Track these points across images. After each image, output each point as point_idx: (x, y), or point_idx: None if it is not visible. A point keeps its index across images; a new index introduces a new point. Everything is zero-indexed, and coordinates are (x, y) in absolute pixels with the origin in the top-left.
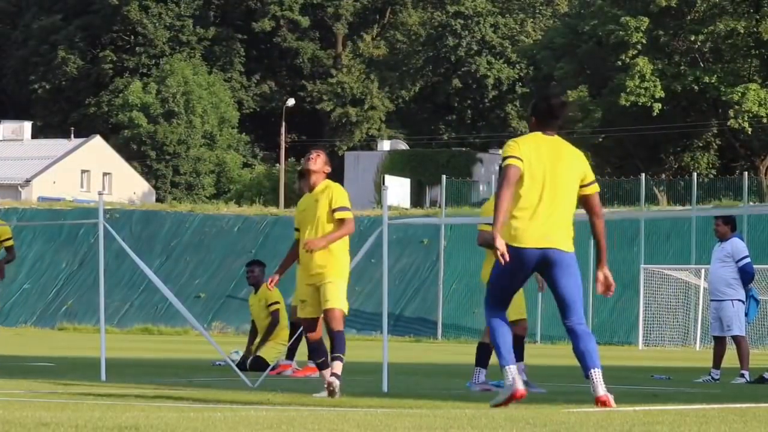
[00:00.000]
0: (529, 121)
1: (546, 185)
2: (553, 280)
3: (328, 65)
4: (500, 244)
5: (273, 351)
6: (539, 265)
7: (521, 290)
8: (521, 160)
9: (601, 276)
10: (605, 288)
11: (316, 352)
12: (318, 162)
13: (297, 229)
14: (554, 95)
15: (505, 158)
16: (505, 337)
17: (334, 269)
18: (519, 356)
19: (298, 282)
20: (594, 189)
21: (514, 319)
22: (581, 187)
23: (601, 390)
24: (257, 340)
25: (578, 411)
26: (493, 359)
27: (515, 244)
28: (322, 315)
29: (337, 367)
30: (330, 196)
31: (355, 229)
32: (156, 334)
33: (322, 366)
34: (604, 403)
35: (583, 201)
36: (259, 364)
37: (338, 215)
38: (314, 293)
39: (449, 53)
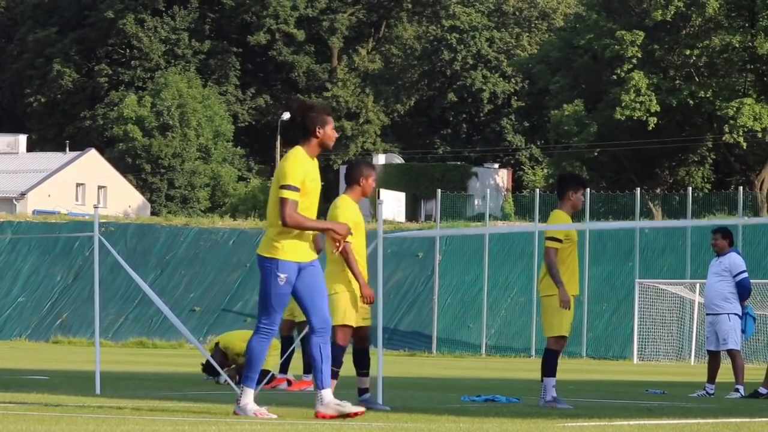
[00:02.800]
0: None
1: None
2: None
3: (323, 79)
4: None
5: (272, 360)
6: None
7: (572, 308)
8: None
9: None
10: None
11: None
12: None
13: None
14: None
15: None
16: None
17: None
18: (550, 372)
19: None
20: (280, 194)
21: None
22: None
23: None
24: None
25: (573, 425)
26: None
27: None
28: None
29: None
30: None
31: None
32: (151, 347)
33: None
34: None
35: None
36: (262, 375)
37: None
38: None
39: (444, 67)
